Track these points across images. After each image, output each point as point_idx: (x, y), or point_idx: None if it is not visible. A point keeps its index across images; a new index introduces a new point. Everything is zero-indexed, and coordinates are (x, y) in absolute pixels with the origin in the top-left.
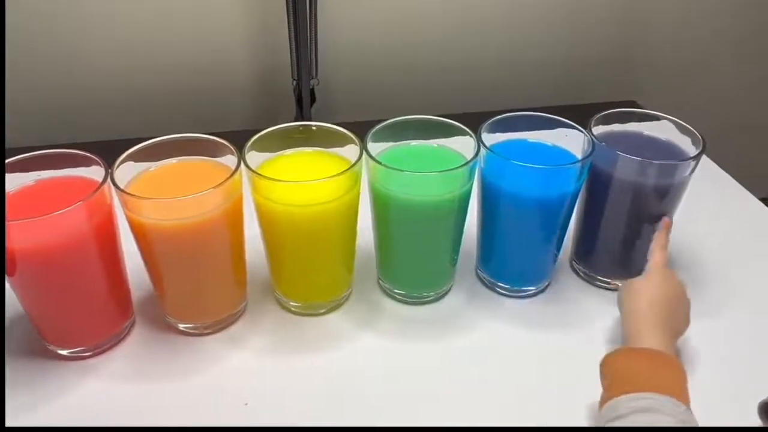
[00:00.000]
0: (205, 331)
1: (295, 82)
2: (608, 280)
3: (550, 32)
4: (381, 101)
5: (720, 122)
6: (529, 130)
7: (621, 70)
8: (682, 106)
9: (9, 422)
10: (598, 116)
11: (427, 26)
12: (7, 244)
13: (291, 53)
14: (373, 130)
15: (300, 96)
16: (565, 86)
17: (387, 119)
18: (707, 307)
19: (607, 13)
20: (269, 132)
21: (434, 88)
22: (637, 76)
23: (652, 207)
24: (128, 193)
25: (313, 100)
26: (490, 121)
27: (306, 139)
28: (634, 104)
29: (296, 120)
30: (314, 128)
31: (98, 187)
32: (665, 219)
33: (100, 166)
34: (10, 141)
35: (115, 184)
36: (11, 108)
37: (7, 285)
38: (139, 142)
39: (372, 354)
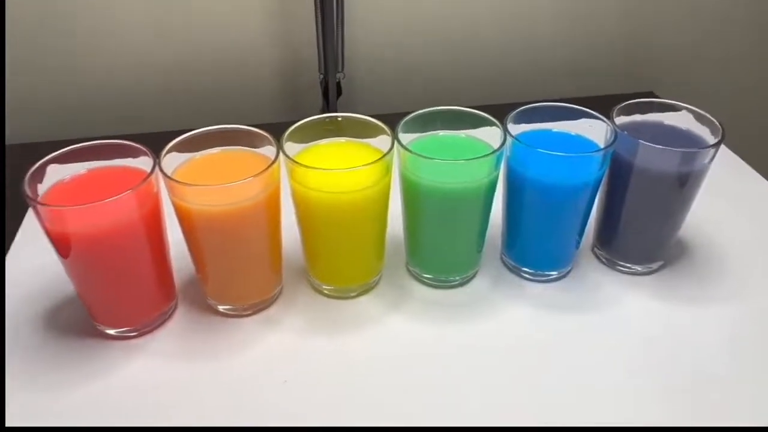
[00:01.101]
0: (244, 313)
1: (321, 76)
2: (629, 266)
3: (568, 25)
4: (403, 94)
5: (737, 112)
6: (553, 121)
7: (638, 61)
8: (699, 96)
9: (64, 396)
10: (619, 106)
11: (451, 21)
12: (62, 228)
13: (318, 48)
14: (403, 121)
15: (326, 89)
16: (583, 78)
17: (409, 112)
18: (725, 294)
19: (624, 4)
20: (304, 123)
21: (455, 82)
22: (654, 67)
23: (671, 194)
24: (176, 180)
25: (339, 93)
26: (516, 111)
27: (339, 129)
28: (651, 95)
29: (322, 113)
30: (346, 119)
31: (148, 176)
32: None
33: (148, 156)
34: (66, 134)
35: (163, 172)
36: (66, 104)
37: (61, 267)
38: (174, 135)
39: (401, 335)
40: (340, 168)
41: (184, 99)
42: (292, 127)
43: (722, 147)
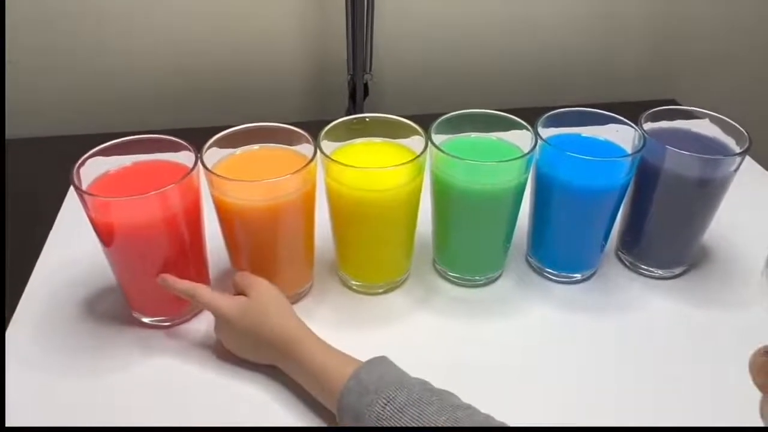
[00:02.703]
0: None
1: (349, 77)
2: (652, 270)
3: (590, 33)
4: (428, 97)
5: (759, 121)
6: (581, 126)
7: (661, 69)
8: (721, 105)
9: (98, 381)
10: (647, 113)
11: (477, 25)
12: (108, 218)
13: (347, 49)
14: (437, 122)
15: (354, 90)
16: (606, 85)
17: (433, 113)
18: (747, 300)
19: (647, 13)
20: (340, 122)
21: (480, 86)
22: (677, 75)
23: (696, 201)
24: (219, 175)
25: (366, 94)
26: (546, 116)
27: (372, 129)
28: (673, 102)
29: (348, 114)
30: (381, 120)
31: (190, 170)
32: None
33: (190, 151)
34: (112, 127)
35: (205, 167)
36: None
37: (102, 255)
38: (206, 132)
39: (427, 331)
40: (376, 167)
41: (209, 99)
42: (328, 126)
43: (747, 157)
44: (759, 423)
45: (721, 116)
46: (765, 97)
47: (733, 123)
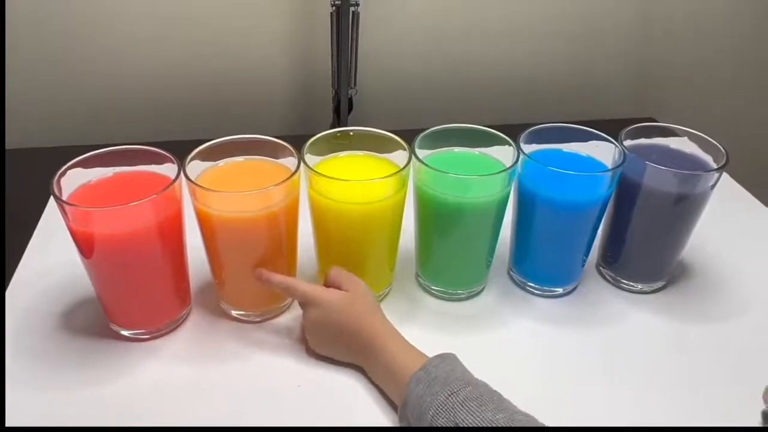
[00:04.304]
0: (257, 319)
1: (334, 91)
2: (633, 284)
3: (571, 50)
4: (412, 111)
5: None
6: (562, 142)
7: (640, 87)
8: (698, 123)
9: (75, 394)
10: (627, 129)
11: (459, 43)
12: (87, 229)
13: (332, 63)
14: (420, 136)
15: (338, 104)
16: (585, 103)
17: (415, 128)
18: (726, 313)
19: (626, 32)
20: (324, 135)
21: (463, 102)
22: (655, 94)
23: (675, 215)
24: (202, 186)
25: (350, 108)
26: (528, 131)
27: (356, 143)
28: (652, 120)
29: (332, 127)
30: (365, 133)
31: (172, 182)
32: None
33: (173, 162)
34: (93, 139)
35: (188, 178)
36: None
37: (80, 266)
38: (189, 144)
39: (413, 344)
40: (359, 180)
41: (190, 111)
42: (312, 139)
43: (724, 173)
44: None
45: (698, 133)
46: (741, 116)
47: (711, 139)
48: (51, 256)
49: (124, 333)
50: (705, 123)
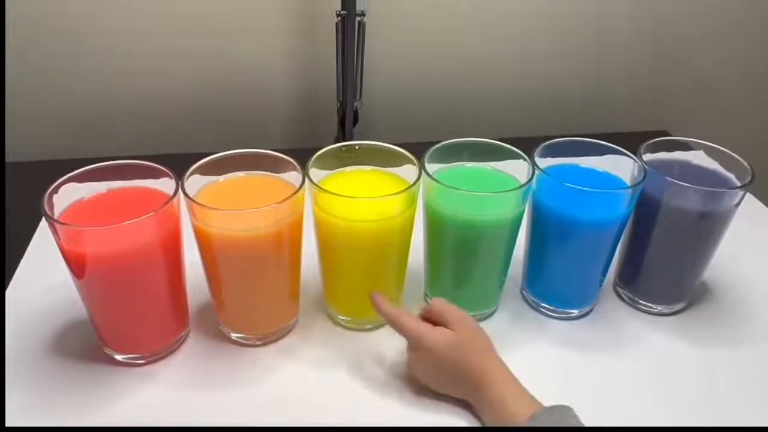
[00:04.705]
0: (257, 342)
1: (339, 103)
2: (651, 305)
3: (583, 64)
4: (420, 124)
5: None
6: (578, 156)
7: (652, 100)
8: (714, 138)
9: (66, 422)
10: (646, 144)
11: (467, 55)
12: (79, 248)
13: (337, 76)
14: (430, 151)
15: (343, 117)
16: (596, 115)
17: (422, 142)
18: (747, 337)
19: (638, 45)
20: (329, 150)
21: (470, 114)
22: (668, 107)
23: (698, 234)
24: (199, 203)
25: (355, 121)
26: (543, 145)
27: (363, 157)
28: (665, 134)
29: (337, 141)
30: (372, 147)
31: (170, 198)
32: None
33: (170, 177)
34: (88, 152)
35: (186, 195)
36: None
37: (73, 287)
38: (190, 158)
39: None
40: (366, 196)
41: (190, 123)
42: (317, 153)
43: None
44: None
45: (720, 147)
46: (760, 129)
47: (734, 155)
48: (43, 276)
49: (118, 357)
50: (720, 137)
